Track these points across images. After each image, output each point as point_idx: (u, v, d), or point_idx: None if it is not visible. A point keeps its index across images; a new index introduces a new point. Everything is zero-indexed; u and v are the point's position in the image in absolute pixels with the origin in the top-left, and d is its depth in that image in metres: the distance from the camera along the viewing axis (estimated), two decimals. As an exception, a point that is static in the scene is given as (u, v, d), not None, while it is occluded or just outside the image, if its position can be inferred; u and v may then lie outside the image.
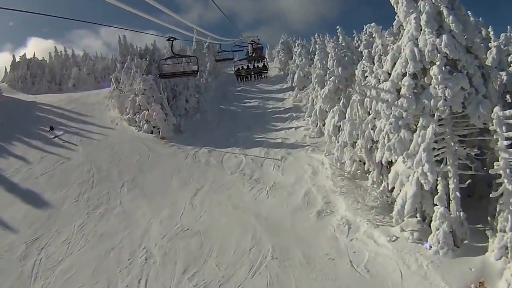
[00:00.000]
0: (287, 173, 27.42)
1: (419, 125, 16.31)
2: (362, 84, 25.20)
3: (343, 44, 37.30)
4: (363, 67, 25.14)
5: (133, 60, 46.61)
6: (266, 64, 23.29)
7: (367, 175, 23.94)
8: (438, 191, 16.32)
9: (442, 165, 16.36)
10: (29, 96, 58.09)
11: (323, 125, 34.96)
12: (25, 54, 70.52)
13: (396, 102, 16.86)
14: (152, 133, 38.30)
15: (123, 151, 34.26)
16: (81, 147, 35.75)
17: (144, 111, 39.14)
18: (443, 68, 16.05)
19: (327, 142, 30.45)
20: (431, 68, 16.38)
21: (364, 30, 27.43)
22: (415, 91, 16.69)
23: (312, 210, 21.49)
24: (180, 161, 31.67)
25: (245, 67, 23.44)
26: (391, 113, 17.00)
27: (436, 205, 16.17)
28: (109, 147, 35.30)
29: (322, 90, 35.14)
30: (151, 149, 34.58)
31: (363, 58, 26.00)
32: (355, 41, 46.30)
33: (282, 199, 23.28)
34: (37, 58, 70.66)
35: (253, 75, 23.43)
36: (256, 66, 23.25)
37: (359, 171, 24.11)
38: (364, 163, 24.41)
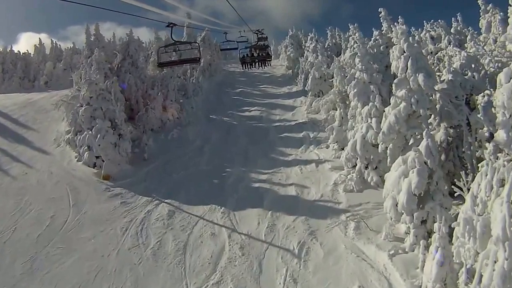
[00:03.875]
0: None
1: None
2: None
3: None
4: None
5: (95, 54, 28.85)
6: (270, 53, 23.19)
7: None
8: None
9: None
10: (-10, 96, 41.18)
11: (366, 167, 17.69)
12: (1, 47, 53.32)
13: None
14: (94, 166, 21.13)
15: (30, 208, 17.24)
16: (-26, 192, 18.78)
17: (86, 132, 21.89)
18: None
19: (388, 212, 13.19)
20: None
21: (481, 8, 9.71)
22: None
23: None
24: (110, 243, 14.49)
25: (249, 54, 23.20)
26: None
27: None
28: (16, 196, 18.28)
29: (367, 108, 17.81)
30: (78, 202, 17.53)
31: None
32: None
33: None
34: (18, 51, 53.64)
35: (257, 62, 23.62)
36: (260, 54, 22.93)
37: None
38: None
